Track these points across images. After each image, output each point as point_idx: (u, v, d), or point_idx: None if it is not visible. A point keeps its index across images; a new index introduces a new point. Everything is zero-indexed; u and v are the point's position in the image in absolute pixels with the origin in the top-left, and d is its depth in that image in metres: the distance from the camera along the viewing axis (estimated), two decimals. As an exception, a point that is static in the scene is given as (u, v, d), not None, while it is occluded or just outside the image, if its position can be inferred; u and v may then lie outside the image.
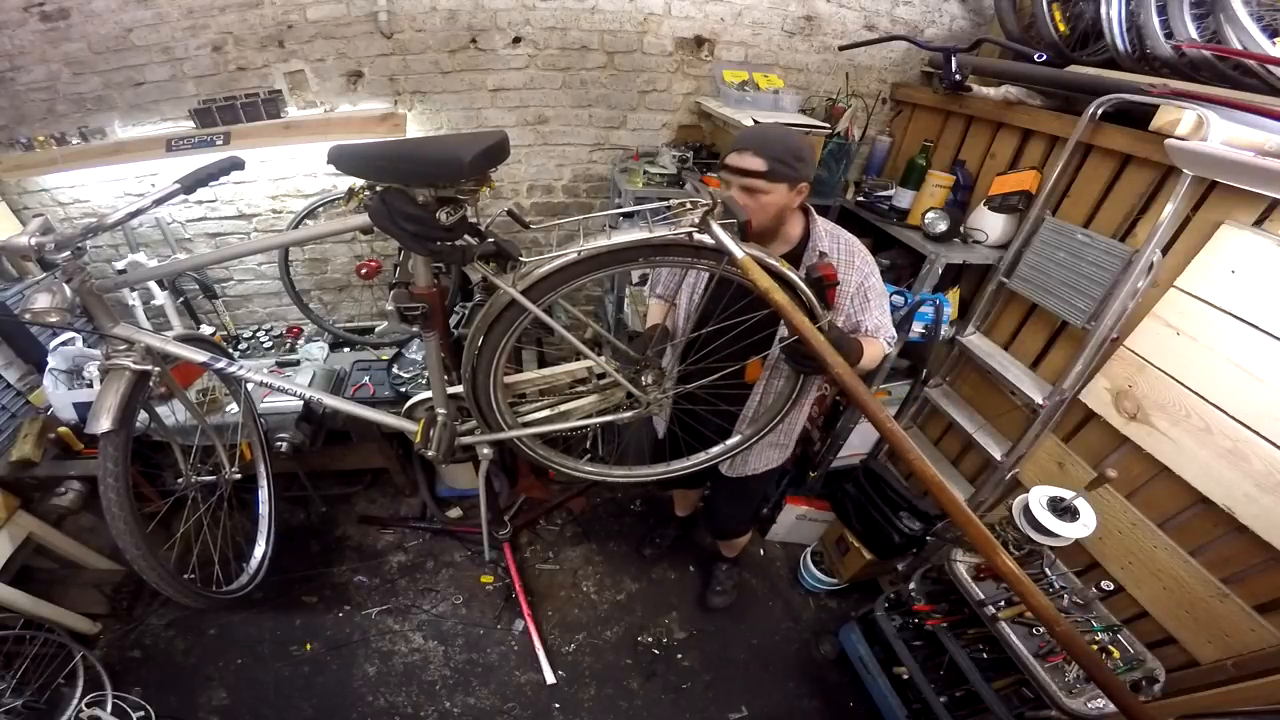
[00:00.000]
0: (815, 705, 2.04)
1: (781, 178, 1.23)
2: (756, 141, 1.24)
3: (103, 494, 1.20)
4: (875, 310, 1.41)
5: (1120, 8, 1.61)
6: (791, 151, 1.23)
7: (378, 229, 1.01)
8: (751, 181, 1.23)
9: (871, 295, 1.39)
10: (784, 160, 1.22)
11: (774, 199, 1.26)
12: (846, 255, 1.37)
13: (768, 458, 1.73)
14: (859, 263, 1.37)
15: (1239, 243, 1.29)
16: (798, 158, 1.24)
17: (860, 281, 1.37)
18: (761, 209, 1.26)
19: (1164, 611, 1.46)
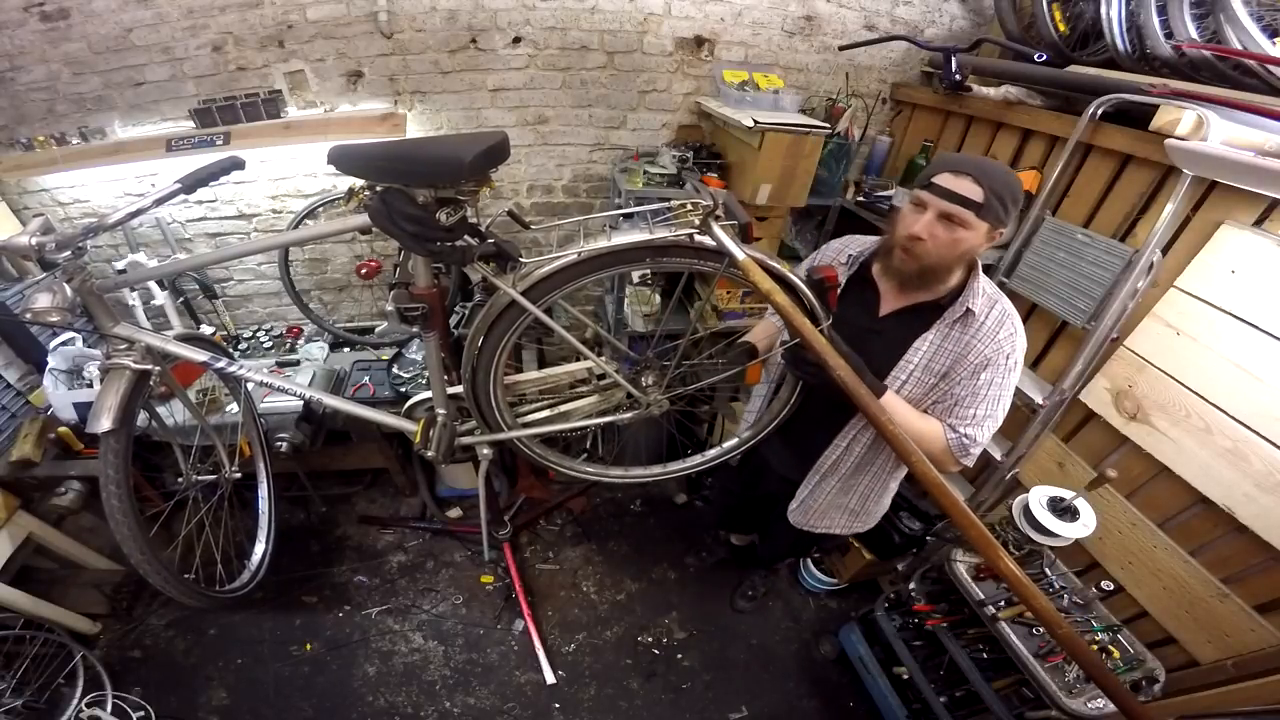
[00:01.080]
0: (815, 705, 2.04)
1: (990, 217, 1.08)
2: (978, 168, 1.07)
3: (103, 494, 1.20)
4: (982, 402, 1.18)
5: (1120, 8, 1.61)
6: (1011, 191, 1.08)
7: (378, 229, 1.01)
8: (960, 211, 1.07)
9: (991, 384, 1.17)
10: (1001, 198, 1.07)
11: (972, 238, 1.10)
12: (994, 323, 1.17)
13: (836, 521, 1.57)
14: (1003, 337, 1.15)
15: (1239, 243, 1.29)
16: (1015, 200, 1.09)
17: (989, 357, 1.16)
18: (952, 245, 1.11)
19: (1164, 611, 1.46)
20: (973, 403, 1.19)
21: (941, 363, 1.20)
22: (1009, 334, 1.16)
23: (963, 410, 1.19)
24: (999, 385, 1.18)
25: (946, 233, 1.10)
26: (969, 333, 1.17)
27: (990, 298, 1.18)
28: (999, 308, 1.18)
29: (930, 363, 1.21)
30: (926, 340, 1.21)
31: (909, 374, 1.22)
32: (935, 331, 1.20)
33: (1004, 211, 1.08)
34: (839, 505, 1.53)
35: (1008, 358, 1.16)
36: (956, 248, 1.11)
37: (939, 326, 1.20)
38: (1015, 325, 1.17)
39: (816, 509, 1.55)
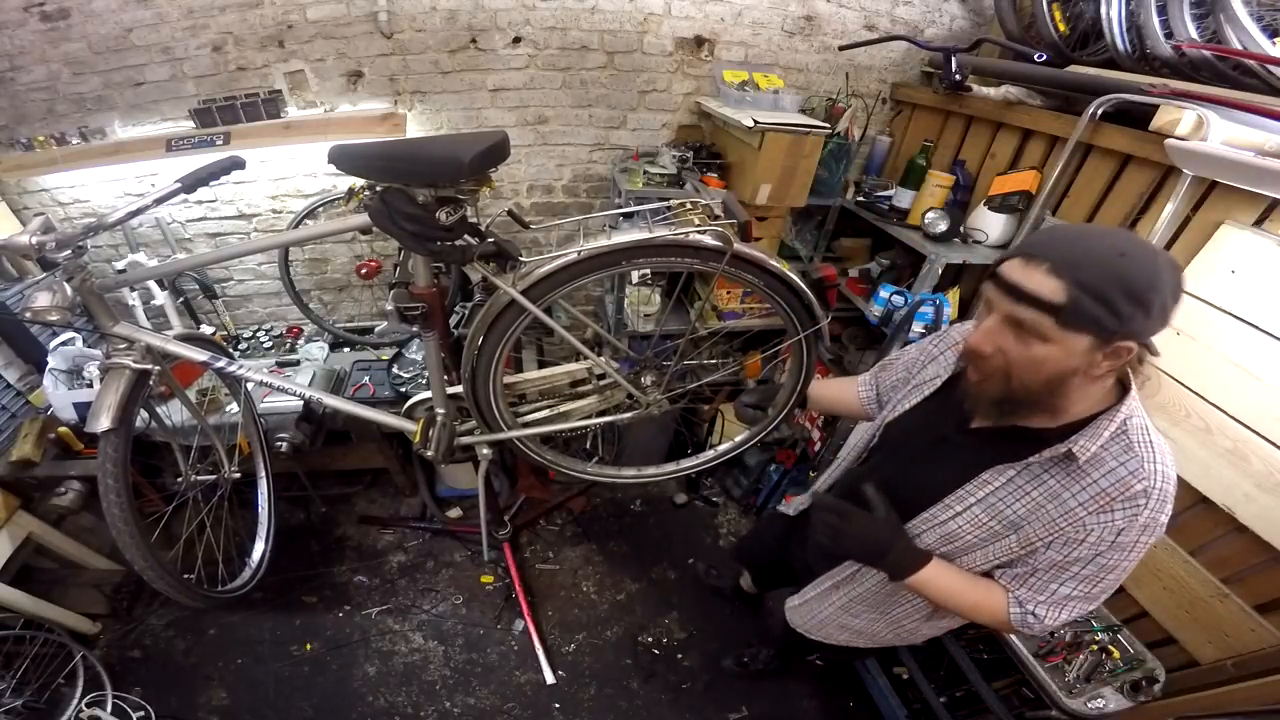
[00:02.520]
0: (815, 705, 2.04)
1: (1085, 324, 0.71)
2: (1063, 252, 0.72)
3: (103, 494, 1.21)
4: (1071, 580, 0.87)
5: (1120, 8, 1.61)
6: (1128, 286, 0.69)
7: (378, 229, 1.01)
8: (1024, 313, 0.74)
9: (1089, 562, 0.85)
10: (1104, 296, 0.69)
11: (1054, 355, 0.75)
12: (1114, 485, 0.80)
13: (835, 636, 1.32)
14: (1134, 509, 0.80)
15: (1239, 243, 1.29)
16: (1138, 299, 0.69)
17: (1102, 535, 0.82)
18: (1032, 366, 0.77)
19: (1164, 611, 1.46)
20: (1057, 578, 0.88)
21: (1016, 511, 0.88)
22: (1132, 505, 0.79)
23: (1040, 583, 0.90)
24: (1100, 564, 0.84)
25: (1020, 347, 0.76)
26: (1070, 486, 0.83)
27: (1141, 442, 0.80)
28: (1132, 465, 0.79)
29: (999, 505, 0.90)
30: (1005, 475, 0.89)
31: (966, 507, 0.93)
32: (1020, 469, 0.87)
33: (1112, 314, 0.69)
34: (841, 624, 1.27)
35: (1119, 534, 0.81)
36: (1039, 370, 0.77)
37: (1027, 465, 0.86)
38: (1149, 490, 0.78)
39: (817, 616, 1.32)
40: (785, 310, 1.18)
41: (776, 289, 1.15)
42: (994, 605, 0.94)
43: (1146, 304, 0.69)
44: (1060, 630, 1.40)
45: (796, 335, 1.21)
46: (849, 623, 1.26)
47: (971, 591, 0.96)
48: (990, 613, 0.94)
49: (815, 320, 1.18)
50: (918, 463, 1.04)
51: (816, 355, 1.28)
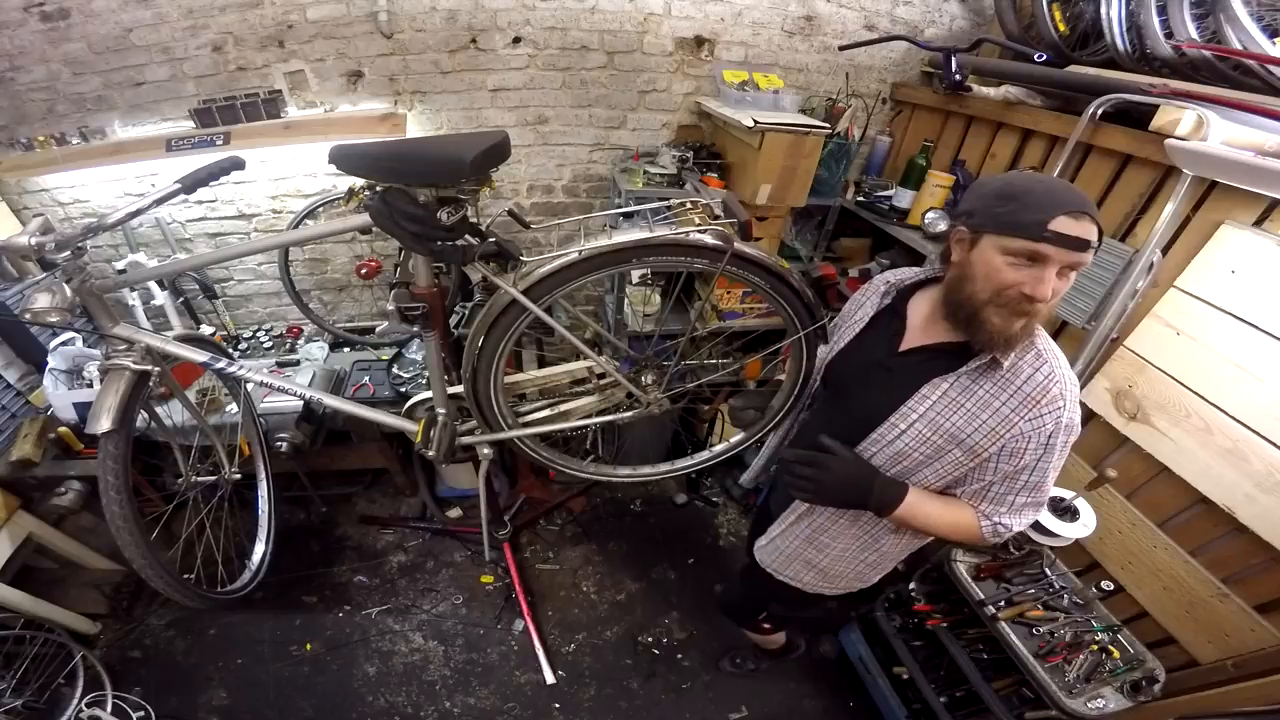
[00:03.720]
0: (815, 705, 2.04)
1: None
2: (1087, 204, 0.84)
3: (103, 494, 1.20)
4: (1022, 490, 1.00)
5: (1120, 8, 1.61)
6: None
7: (378, 229, 1.01)
8: (1084, 257, 0.85)
9: (1033, 469, 0.97)
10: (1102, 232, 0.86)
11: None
12: (1035, 389, 0.92)
13: (801, 575, 1.34)
14: (1045, 409, 0.92)
15: (1239, 243, 1.29)
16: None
17: (1028, 436, 0.94)
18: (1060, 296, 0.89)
19: (1164, 611, 1.46)
20: (1011, 489, 1.00)
21: (955, 423, 0.97)
22: (1054, 405, 0.92)
23: (998, 495, 1.01)
24: (1041, 470, 0.97)
25: (1064, 284, 0.88)
26: (998, 394, 0.94)
27: (1039, 354, 0.94)
28: (1045, 370, 0.92)
29: (939, 419, 0.98)
30: (939, 389, 0.98)
31: (909, 424, 1.01)
32: (952, 381, 0.98)
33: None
34: (806, 559, 1.30)
35: (1049, 437, 0.93)
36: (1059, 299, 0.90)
37: (958, 376, 0.97)
38: (1064, 392, 0.92)
39: (783, 553, 1.33)
40: (785, 310, 1.18)
41: (777, 288, 1.15)
42: (968, 522, 1.03)
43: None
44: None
45: (796, 334, 1.21)
46: (815, 558, 1.28)
47: (948, 512, 1.04)
48: (966, 529, 1.04)
49: (815, 319, 1.18)
50: (857, 394, 1.12)
51: (816, 354, 1.28)
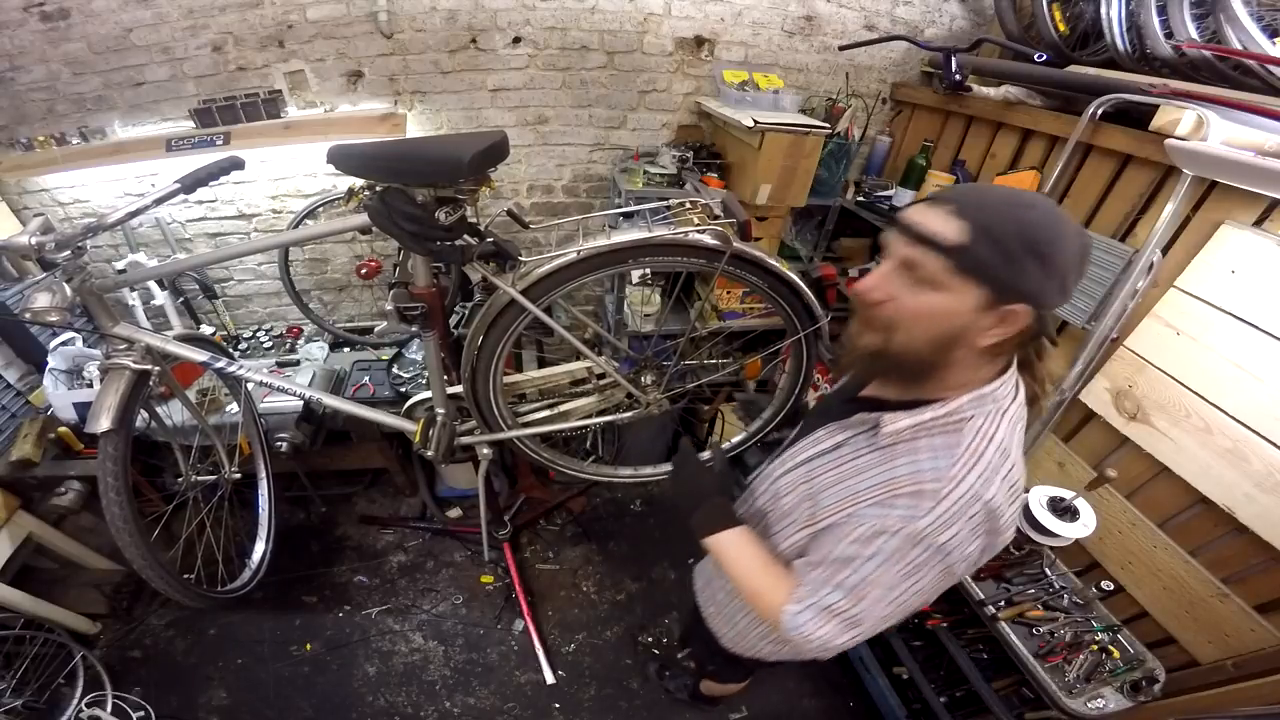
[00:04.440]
0: (815, 705, 2.04)
1: (978, 272, 0.65)
2: (966, 196, 0.68)
3: (102, 494, 1.21)
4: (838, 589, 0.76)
5: (1120, 8, 1.61)
6: (1027, 236, 0.63)
7: (377, 229, 1.01)
8: (918, 255, 0.67)
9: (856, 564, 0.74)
10: (1004, 245, 0.63)
11: (942, 306, 0.67)
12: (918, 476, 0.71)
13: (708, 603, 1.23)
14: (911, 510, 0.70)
15: (1239, 243, 1.29)
16: (1035, 252, 0.63)
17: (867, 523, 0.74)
18: (916, 318, 0.70)
19: (1164, 611, 1.46)
20: (830, 580, 0.76)
21: (824, 479, 0.82)
22: (911, 505, 0.70)
23: (821, 579, 0.78)
24: (861, 573, 0.74)
25: (910, 294, 0.69)
26: (878, 465, 0.76)
27: (954, 442, 0.71)
28: (933, 464, 0.71)
29: (816, 468, 0.84)
30: (834, 439, 0.83)
31: (794, 464, 0.89)
32: (847, 436, 0.82)
33: (1009, 263, 0.63)
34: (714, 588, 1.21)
35: (881, 537, 0.72)
36: (924, 324, 0.69)
37: (845, 427, 0.82)
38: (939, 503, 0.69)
39: (704, 572, 1.27)
40: (785, 310, 1.19)
41: (776, 288, 1.15)
42: (776, 596, 0.82)
43: (1045, 260, 0.63)
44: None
45: (796, 334, 1.21)
46: (714, 595, 1.19)
47: (761, 575, 0.86)
48: (768, 604, 0.83)
49: (815, 319, 1.19)
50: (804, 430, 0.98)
51: (816, 354, 1.28)
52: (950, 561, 0.71)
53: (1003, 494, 0.70)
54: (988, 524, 0.70)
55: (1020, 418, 0.75)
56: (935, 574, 0.72)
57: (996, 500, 0.69)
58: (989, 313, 0.67)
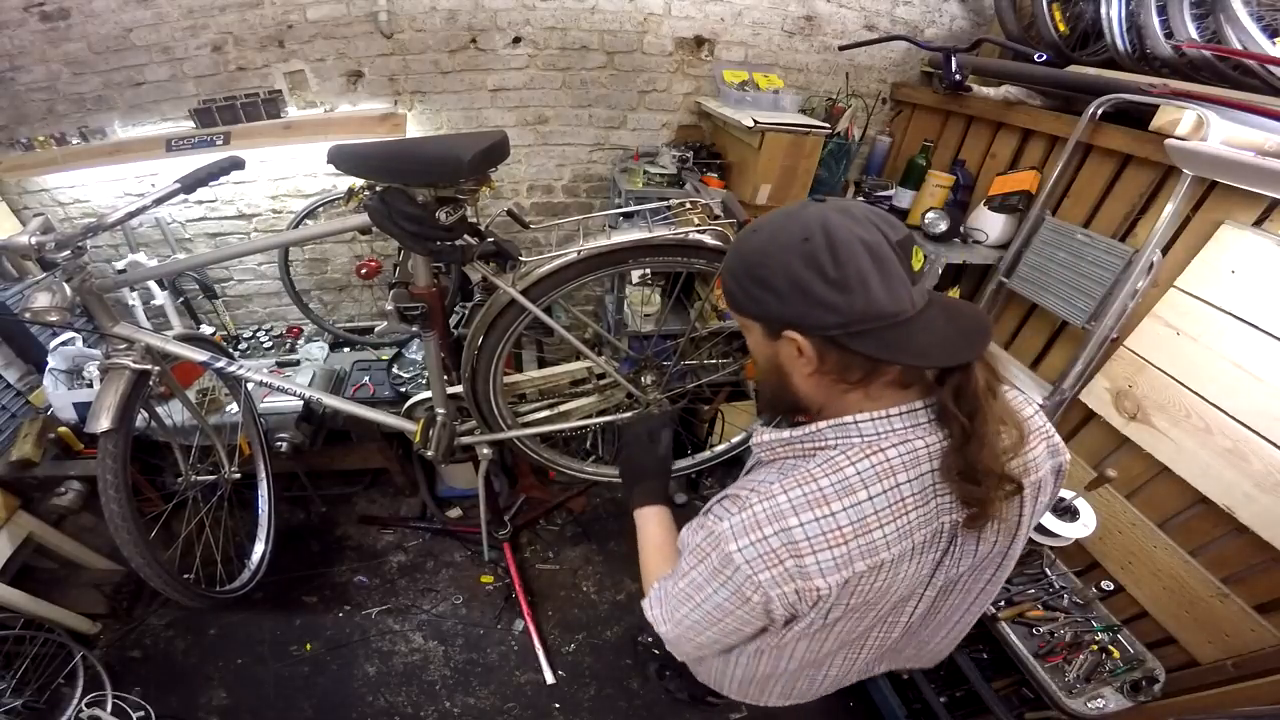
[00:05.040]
0: (815, 705, 2.03)
1: (739, 309, 0.70)
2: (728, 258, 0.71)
3: (102, 493, 1.21)
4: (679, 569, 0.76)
5: (1120, 8, 1.61)
6: (746, 264, 0.66)
7: (377, 229, 1.02)
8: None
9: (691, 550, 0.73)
10: (736, 278, 0.67)
11: (752, 343, 0.73)
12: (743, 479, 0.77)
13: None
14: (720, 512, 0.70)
15: (1239, 243, 1.29)
16: (755, 278, 0.65)
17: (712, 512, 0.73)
18: (753, 354, 0.76)
19: (1164, 611, 1.46)
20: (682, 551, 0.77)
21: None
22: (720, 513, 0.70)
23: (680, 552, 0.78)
24: (684, 562, 0.74)
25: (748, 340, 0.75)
26: (754, 470, 0.79)
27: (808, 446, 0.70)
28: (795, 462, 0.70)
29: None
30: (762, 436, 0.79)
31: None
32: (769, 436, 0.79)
33: (742, 292, 0.67)
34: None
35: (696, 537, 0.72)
36: (758, 362, 0.75)
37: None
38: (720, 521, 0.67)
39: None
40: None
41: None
42: (652, 579, 0.86)
43: (762, 281, 0.63)
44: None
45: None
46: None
47: (655, 555, 0.91)
48: (646, 585, 0.88)
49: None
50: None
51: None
52: (738, 582, 0.65)
53: (813, 530, 0.62)
54: (787, 555, 0.62)
55: (910, 467, 0.64)
56: (727, 594, 0.67)
57: (801, 533, 0.62)
58: (779, 343, 0.66)
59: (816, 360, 0.64)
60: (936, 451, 0.65)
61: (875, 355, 0.62)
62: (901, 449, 0.64)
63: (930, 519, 0.66)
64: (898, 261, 0.60)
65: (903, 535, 0.64)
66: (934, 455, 0.65)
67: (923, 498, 0.65)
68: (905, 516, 0.64)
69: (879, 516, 0.63)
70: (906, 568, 0.67)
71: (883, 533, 0.63)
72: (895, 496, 0.63)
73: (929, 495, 0.65)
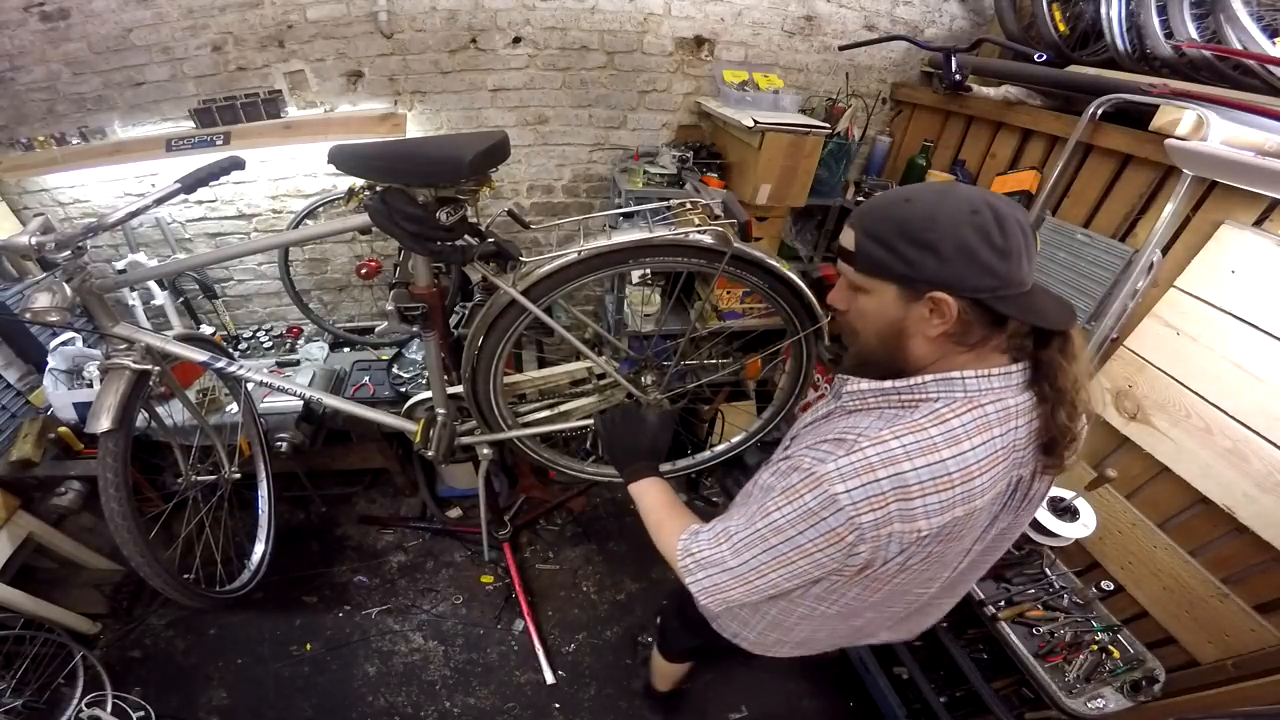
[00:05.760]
0: (815, 705, 2.04)
1: (869, 265, 0.73)
2: (863, 211, 0.75)
3: (102, 494, 1.21)
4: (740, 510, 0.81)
5: (1120, 8, 1.61)
6: (904, 229, 0.69)
7: (378, 229, 1.02)
8: (843, 267, 0.77)
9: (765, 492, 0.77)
10: (880, 238, 0.70)
11: (873, 306, 0.75)
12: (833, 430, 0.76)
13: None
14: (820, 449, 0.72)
15: (1239, 243, 1.29)
16: (916, 241, 0.68)
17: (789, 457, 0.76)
18: (860, 317, 0.78)
19: (1164, 611, 1.46)
20: (741, 503, 0.84)
21: (800, 441, 0.83)
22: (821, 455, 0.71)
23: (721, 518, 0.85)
24: (765, 504, 0.75)
25: (854, 301, 0.78)
26: (840, 419, 0.81)
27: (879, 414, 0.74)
28: (897, 412, 0.73)
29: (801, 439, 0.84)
30: (819, 413, 0.88)
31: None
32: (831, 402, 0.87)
33: (895, 256, 0.69)
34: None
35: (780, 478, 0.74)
36: (869, 323, 0.77)
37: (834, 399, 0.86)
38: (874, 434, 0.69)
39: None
40: (785, 310, 1.19)
41: (776, 289, 1.15)
42: (675, 528, 0.91)
43: (927, 244, 0.67)
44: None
45: (796, 335, 1.21)
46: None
47: (669, 513, 0.96)
48: (669, 536, 0.91)
49: (815, 320, 1.19)
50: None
51: (816, 354, 1.28)
52: (836, 523, 0.68)
53: (925, 475, 0.66)
54: (895, 499, 0.67)
55: (1003, 423, 0.70)
56: (816, 535, 0.70)
57: (915, 477, 0.66)
58: (914, 304, 0.71)
59: (955, 320, 0.69)
60: (1024, 409, 0.72)
61: (1016, 315, 0.70)
62: (997, 405, 0.70)
63: (1011, 470, 0.73)
64: (1030, 243, 0.69)
65: (994, 483, 0.71)
66: (1021, 413, 0.72)
67: (1008, 451, 0.71)
68: (997, 468, 0.70)
69: (980, 465, 0.69)
70: (984, 516, 0.75)
71: (980, 481, 0.69)
72: (991, 449, 0.69)
73: (1011, 450, 0.71)
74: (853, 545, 0.69)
